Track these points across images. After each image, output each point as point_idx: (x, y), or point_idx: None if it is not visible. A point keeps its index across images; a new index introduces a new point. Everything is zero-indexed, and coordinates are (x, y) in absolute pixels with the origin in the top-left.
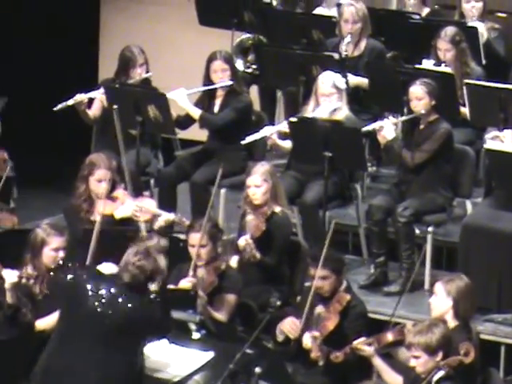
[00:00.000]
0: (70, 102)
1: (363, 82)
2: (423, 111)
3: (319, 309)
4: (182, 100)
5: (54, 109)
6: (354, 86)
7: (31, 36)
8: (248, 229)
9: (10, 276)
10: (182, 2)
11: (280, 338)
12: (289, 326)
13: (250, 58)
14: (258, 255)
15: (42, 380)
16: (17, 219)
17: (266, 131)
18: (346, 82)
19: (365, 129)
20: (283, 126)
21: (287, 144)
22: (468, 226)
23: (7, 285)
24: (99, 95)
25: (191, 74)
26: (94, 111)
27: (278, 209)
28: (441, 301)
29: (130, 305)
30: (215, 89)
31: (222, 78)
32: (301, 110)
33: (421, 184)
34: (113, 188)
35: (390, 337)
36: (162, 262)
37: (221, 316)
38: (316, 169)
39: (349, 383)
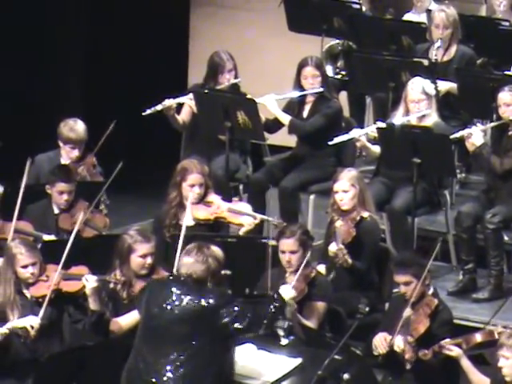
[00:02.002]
0: (159, 107)
1: (453, 88)
2: (509, 119)
3: (408, 312)
4: (272, 105)
5: (143, 114)
6: (445, 91)
7: (122, 41)
8: (338, 235)
9: (91, 281)
10: (272, 8)
11: (376, 351)
12: (380, 341)
13: (340, 63)
14: (350, 260)
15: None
16: (109, 221)
17: (355, 133)
18: (436, 88)
19: (453, 136)
20: (372, 129)
21: (376, 148)
22: None
23: (88, 290)
24: (188, 100)
25: (280, 79)
26: (183, 116)
27: (366, 214)
28: None
29: (194, 302)
30: (305, 95)
31: (312, 84)
32: (390, 116)
33: (510, 190)
34: (206, 192)
35: (478, 337)
36: (215, 253)
37: (310, 324)
38: (404, 175)
39: None
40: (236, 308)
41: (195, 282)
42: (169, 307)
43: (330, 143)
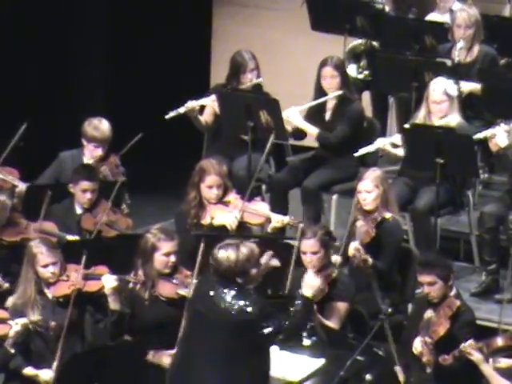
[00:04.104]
0: (182, 110)
1: (476, 88)
2: None
3: (429, 313)
4: (296, 118)
5: (166, 117)
6: (468, 92)
7: (144, 40)
8: (358, 235)
9: (110, 281)
10: (295, 7)
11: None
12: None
13: (363, 63)
14: (370, 260)
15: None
16: (131, 221)
17: (379, 143)
18: (458, 89)
19: (477, 136)
20: (396, 139)
21: (398, 151)
22: None
23: (107, 290)
24: (211, 102)
25: (304, 79)
26: (205, 117)
27: (388, 215)
28: None
29: (229, 301)
30: (324, 95)
31: (330, 84)
32: (412, 117)
33: None
34: (225, 193)
35: (499, 342)
36: (234, 254)
37: (332, 324)
38: (428, 175)
39: None
40: (275, 318)
41: (229, 284)
42: (211, 310)
43: (355, 155)
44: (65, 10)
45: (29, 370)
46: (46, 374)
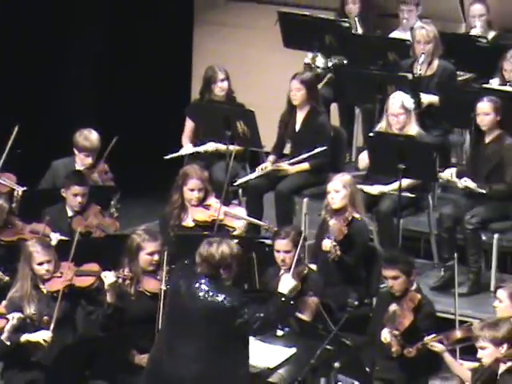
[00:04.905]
0: (182, 153)
1: (435, 100)
2: (486, 127)
3: (393, 306)
4: (290, 168)
5: (165, 157)
6: (427, 103)
7: (130, 57)
8: (331, 232)
9: (110, 277)
10: (270, 26)
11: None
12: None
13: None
14: (339, 252)
15: (148, 378)
16: (119, 224)
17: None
18: (418, 102)
19: (440, 176)
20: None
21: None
22: None
23: (106, 285)
24: (209, 148)
25: (279, 94)
26: (187, 133)
27: (357, 215)
28: (505, 306)
29: (210, 294)
30: (295, 108)
31: (294, 96)
32: (375, 127)
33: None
34: (205, 196)
35: (458, 334)
36: (228, 249)
37: (305, 317)
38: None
39: (422, 377)
40: (250, 310)
41: (212, 276)
42: (192, 301)
43: None
44: (58, 22)
45: (25, 337)
46: (44, 334)
